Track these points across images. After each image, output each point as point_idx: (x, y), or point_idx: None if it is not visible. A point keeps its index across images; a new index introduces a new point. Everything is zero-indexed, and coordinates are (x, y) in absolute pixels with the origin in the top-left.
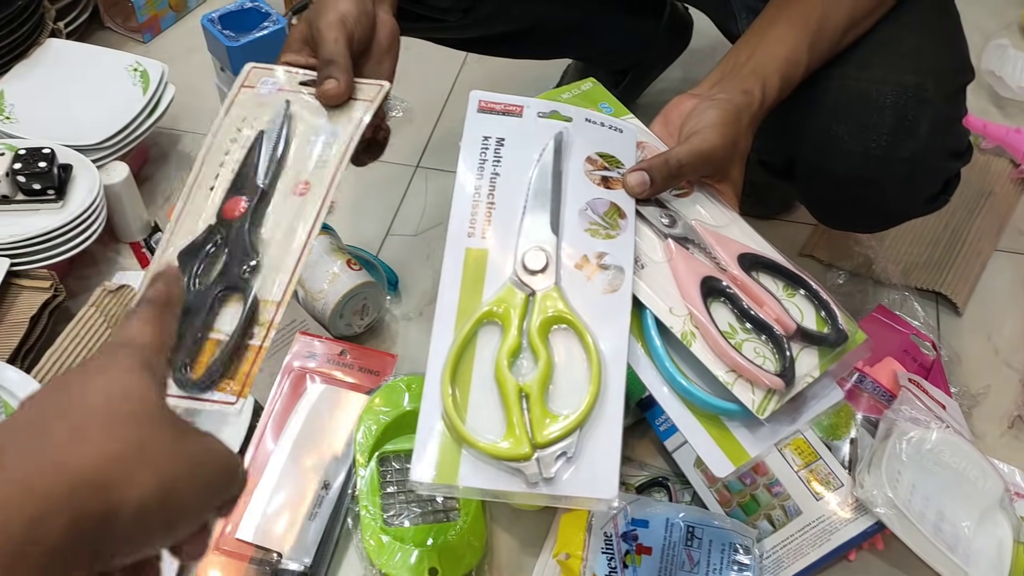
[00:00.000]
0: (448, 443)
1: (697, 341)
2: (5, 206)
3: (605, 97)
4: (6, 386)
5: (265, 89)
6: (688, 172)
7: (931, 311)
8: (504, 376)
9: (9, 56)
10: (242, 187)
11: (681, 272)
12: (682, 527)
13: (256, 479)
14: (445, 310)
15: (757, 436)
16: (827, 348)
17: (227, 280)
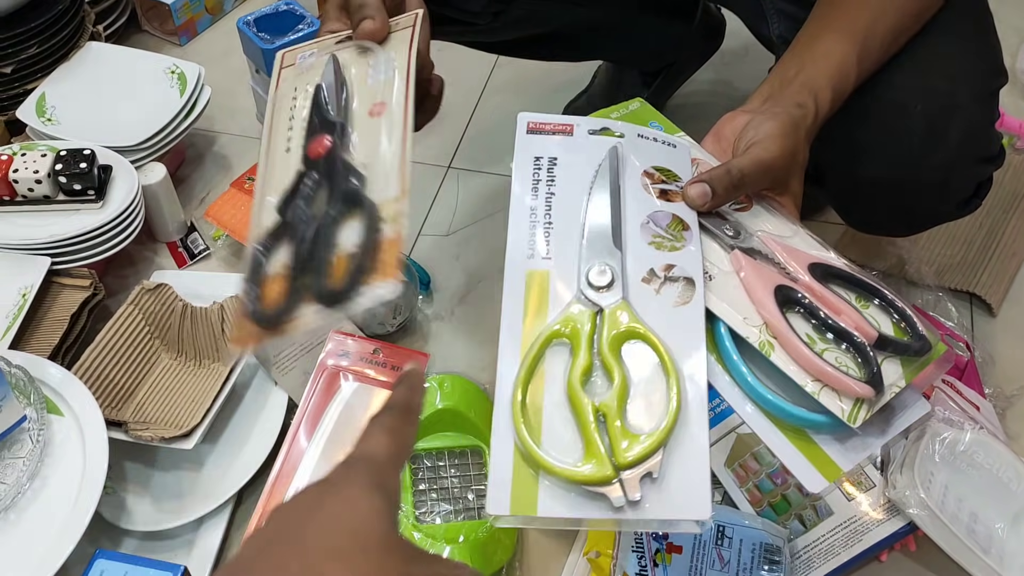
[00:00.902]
0: (523, 472)
1: (776, 351)
2: (47, 206)
3: (654, 116)
4: (48, 382)
5: (305, 60)
6: (749, 183)
7: (965, 312)
8: (578, 397)
9: (50, 59)
10: (320, 127)
11: (753, 281)
12: (712, 526)
13: (290, 476)
14: (509, 335)
15: (848, 448)
16: (910, 357)
17: (340, 200)
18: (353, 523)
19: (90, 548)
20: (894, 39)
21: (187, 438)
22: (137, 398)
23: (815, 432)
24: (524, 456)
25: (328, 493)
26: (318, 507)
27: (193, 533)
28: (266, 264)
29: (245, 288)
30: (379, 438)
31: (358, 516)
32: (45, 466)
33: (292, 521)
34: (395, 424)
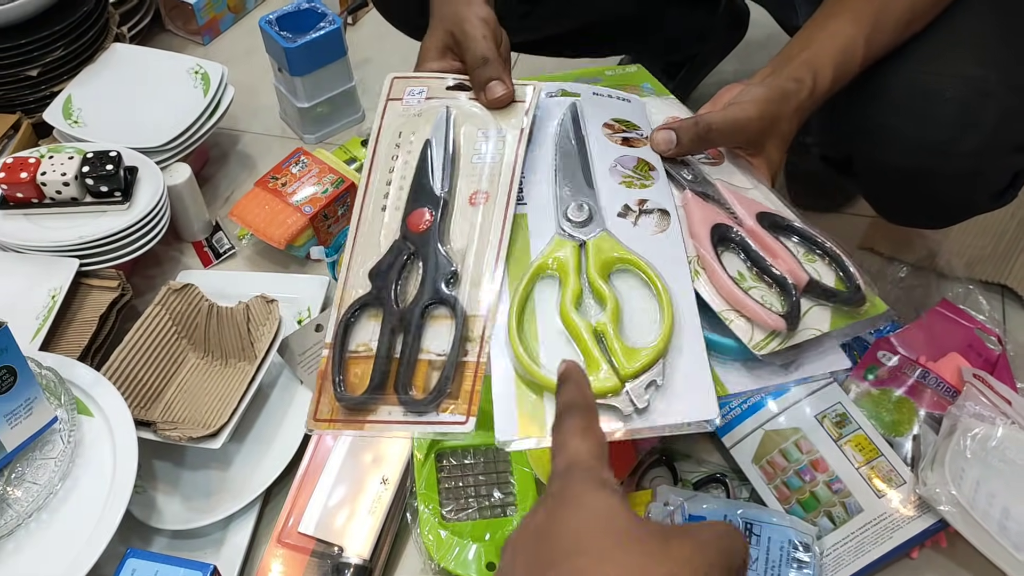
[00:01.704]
0: (528, 398)
1: (700, 279)
2: (74, 208)
3: (650, 79)
4: (77, 383)
5: (411, 99)
6: (717, 138)
7: (996, 304)
8: (574, 319)
9: (76, 61)
10: (421, 198)
11: (694, 216)
12: (740, 524)
13: (317, 474)
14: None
15: (744, 375)
16: (841, 306)
17: (430, 294)
18: (593, 522)
19: (121, 547)
20: (909, 22)
21: (215, 437)
22: (165, 398)
23: (719, 355)
24: (527, 381)
25: (558, 507)
26: (555, 522)
27: (222, 531)
28: (351, 334)
29: (331, 359)
30: (575, 443)
31: (595, 515)
32: (76, 466)
33: (537, 545)
34: (582, 423)
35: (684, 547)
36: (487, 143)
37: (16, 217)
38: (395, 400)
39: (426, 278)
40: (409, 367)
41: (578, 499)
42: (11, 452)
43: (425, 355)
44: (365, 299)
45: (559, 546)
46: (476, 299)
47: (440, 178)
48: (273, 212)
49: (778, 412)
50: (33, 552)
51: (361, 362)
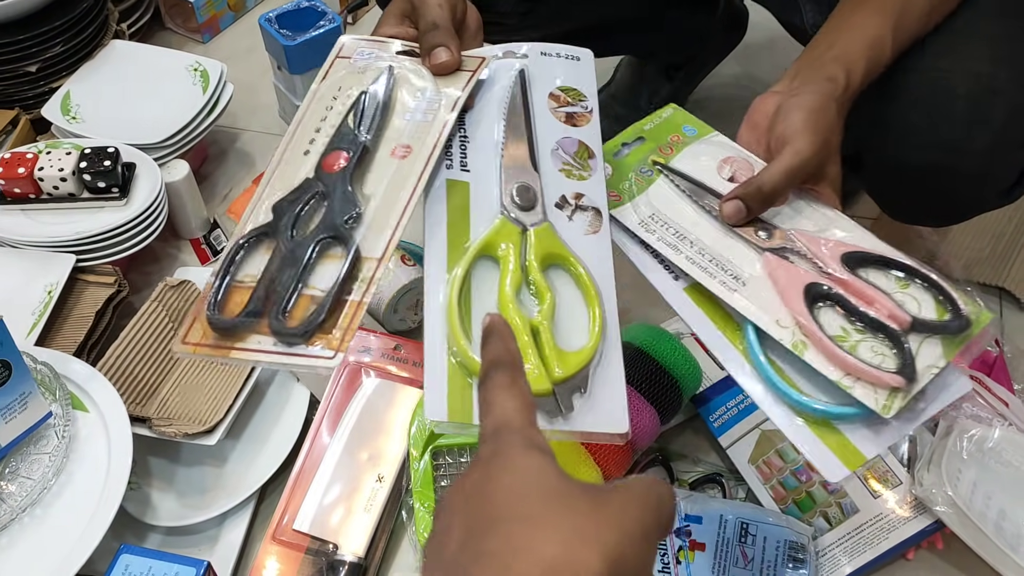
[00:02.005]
0: (459, 381)
1: (809, 350)
2: (72, 204)
3: (688, 120)
4: (73, 378)
5: (361, 58)
6: (782, 191)
7: (994, 306)
8: (512, 312)
9: (75, 58)
10: (343, 143)
11: (782, 282)
12: (736, 523)
13: (312, 472)
14: (436, 243)
15: (874, 435)
16: (950, 336)
17: (328, 229)
18: (524, 484)
19: (115, 543)
20: (930, 12)
21: (210, 434)
22: (161, 394)
23: (841, 423)
24: (461, 364)
25: (489, 469)
26: (488, 486)
27: (217, 528)
28: (241, 263)
29: (213, 284)
30: (503, 402)
31: (526, 477)
32: (70, 462)
33: (476, 508)
34: (507, 381)
35: (614, 505)
36: (422, 103)
37: (13, 212)
38: (267, 329)
39: (327, 215)
40: (290, 298)
41: (509, 462)
42: (5, 447)
43: (310, 290)
44: (262, 229)
45: (492, 511)
46: (374, 242)
47: (366, 127)
48: None
49: None
50: (26, 547)
51: (245, 292)
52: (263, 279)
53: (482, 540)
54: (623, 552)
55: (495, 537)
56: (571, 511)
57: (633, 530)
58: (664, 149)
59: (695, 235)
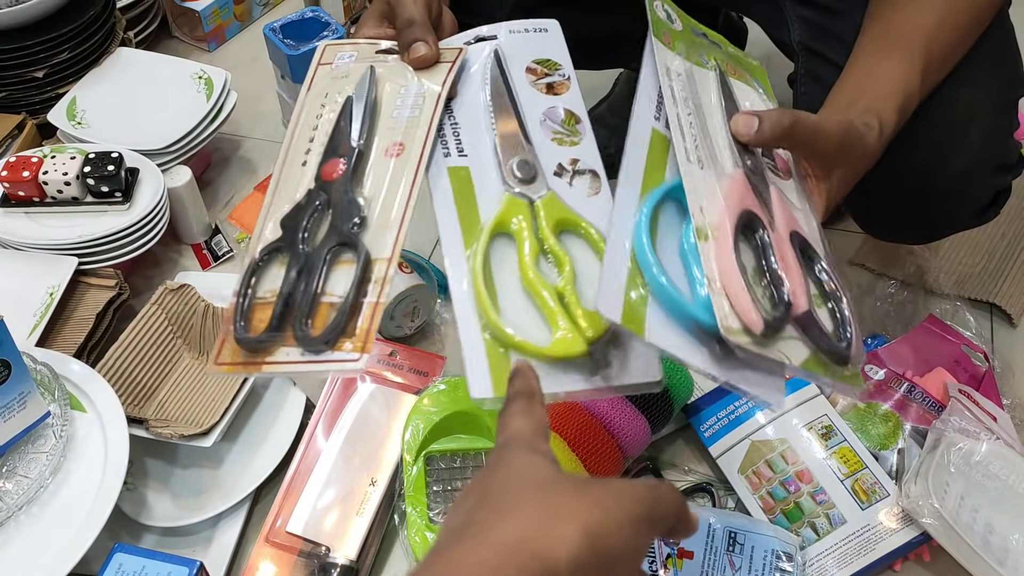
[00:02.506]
0: (497, 356)
1: (704, 243)
2: (75, 207)
3: (763, 79)
4: (71, 379)
5: (342, 63)
6: (799, 134)
7: (985, 322)
8: (536, 281)
9: (81, 64)
10: (338, 149)
11: (733, 192)
12: (724, 533)
13: (307, 475)
14: (450, 231)
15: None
16: (820, 355)
17: (337, 237)
18: (522, 475)
19: (110, 542)
20: (949, 56)
21: (206, 436)
22: (159, 396)
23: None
24: (498, 340)
25: (492, 470)
26: (492, 478)
27: (211, 529)
28: (259, 281)
29: (236, 304)
30: (516, 421)
31: (523, 470)
32: (67, 461)
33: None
34: (524, 407)
35: (600, 492)
36: (407, 99)
37: (17, 215)
38: (293, 341)
39: (334, 223)
40: (310, 308)
41: (512, 460)
42: (3, 445)
43: (328, 297)
44: (274, 245)
45: (487, 496)
46: (382, 243)
47: (358, 131)
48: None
49: (765, 423)
50: (22, 545)
51: (267, 308)
52: (282, 293)
53: (476, 512)
54: (606, 532)
55: (483, 511)
56: (557, 493)
57: (619, 515)
58: (731, 68)
59: (704, 110)
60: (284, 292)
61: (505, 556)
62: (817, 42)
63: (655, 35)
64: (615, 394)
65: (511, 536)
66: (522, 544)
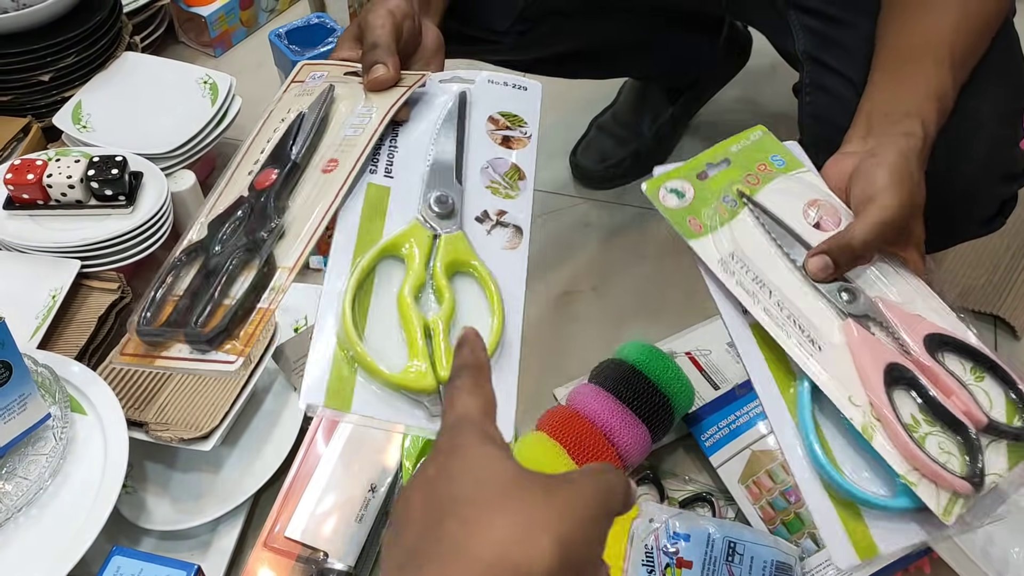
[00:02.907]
0: (342, 368)
1: (878, 436)
2: (78, 211)
3: (777, 148)
4: (72, 381)
5: (312, 82)
6: (872, 249)
7: (988, 335)
8: (408, 308)
9: (87, 68)
10: (275, 161)
11: (862, 357)
12: (724, 543)
13: (306, 480)
14: (344, 237)
15: (897, 533)
16: (1016, 447)
17: (248, 243)
18: (485, 475)
19: (109, 545)
20: (968, 60)
21: (206, 440)
22: (159, 400)
23: (871, 512)
24: (347, 354)
25: (448, 461)
26: (449, 476)
27: (209, 534)
28: (174, 279)
29: (147, 299)
30: (464, 399)
31: (486, 468)
32: (67, 463)
33: (434, 496)
34: (472, 382)
35: (566, 496)
36: (354, 119)
37: (21, 217)
38: (183, 338)
39: (248, 229)
40: (208, 308)
41: (465, 452)
42: (3, 447)
43: (228, 299)
44: (195, 246)
45: (450, 499)
46: (288, 252)
47: (299, 144)
48: None
49: (766, 433)
50: (20, 546)
51: (173, 304)
52: (187, 291)
53: (440, 525)
54: (574, 537)
55: (452, 520)
56: (526, 499)
57: (583, 516)
58: (751, 179)
59: (775, 283)
60: (189, 290)
61: (485, 572)
62: (821, 51)
63: (683, 234)
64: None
65: (489, 553)
66: (501, 561)
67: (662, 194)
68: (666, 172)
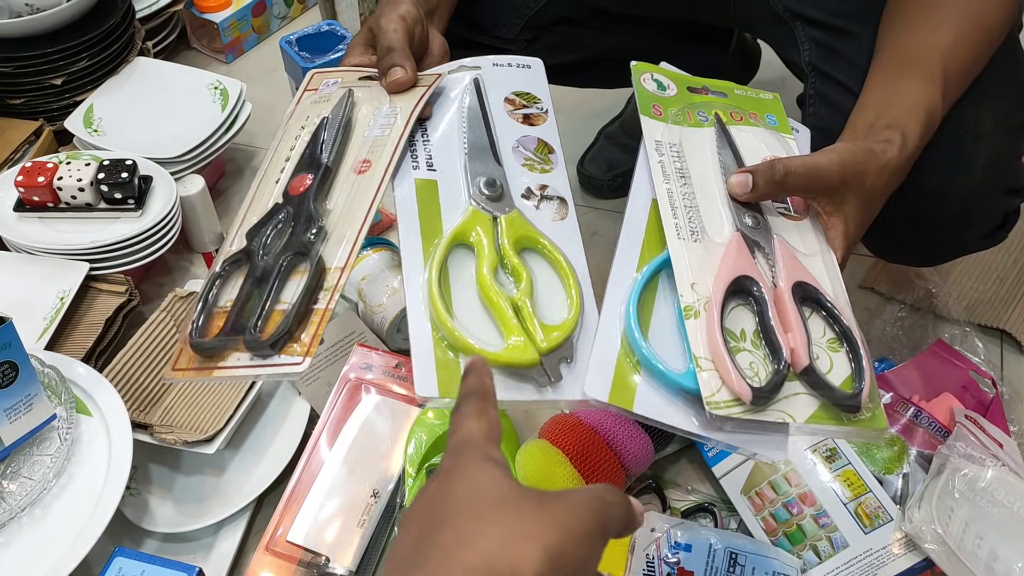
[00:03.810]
0: (447, 359)
1: (695, 321)
2: (88, 213)
3: (777, 112)
4: (78, 383)
5: (327, 88)
6: (794, 183)
7: (994, 348)
8: (493, 290)
9: (100, 72)
10: (307, 166)
11: (725, 262)
12: (725, 554)
13: (309, 485)
14: (410, 237)
15: (663, 404)
16: (832, 407)
17: (294, 247)
18: (482, 490)
19: (111, 546)
20: (967, 74)
21: (210, 443)
22: (165, 402)
23: (666, 383)
24: (448, 343)
25: (448, 480)
26: (447, 491)
27: (212, 537)
28: (220, 291)
29: (194, 313)
30: (469, 424)
31: (483, 484)
32: (71, 464)
33: (433, 509)
34: (477, 408)
35: (559, 509)
36: (379, 119)
37: (31, 220)
38: (243, 347)
39: (293, 234)
40: (262, 315)
41: (465, 471)
42: (8, 447)
43: (280, 305)
44: (236, 256)
45: (444, 509)
46: (336, 253)
47: (328, 149)
48: None
49: None
50: (23, 546)
51: (224, 316)
52: (237, 301)
53: (434, 534)
54: (564, 549)
55: (446, 531)
56: (518, 512)
57: (576, 530)
58: (735, 114)
59: (694, 182)
60: (239, 300)
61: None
62: (826, 63)
63: (642, 111)
64: (561, 407)
65: (476, 560)
66: (488, 567)
67: (645, 77)
68: (663, 68)
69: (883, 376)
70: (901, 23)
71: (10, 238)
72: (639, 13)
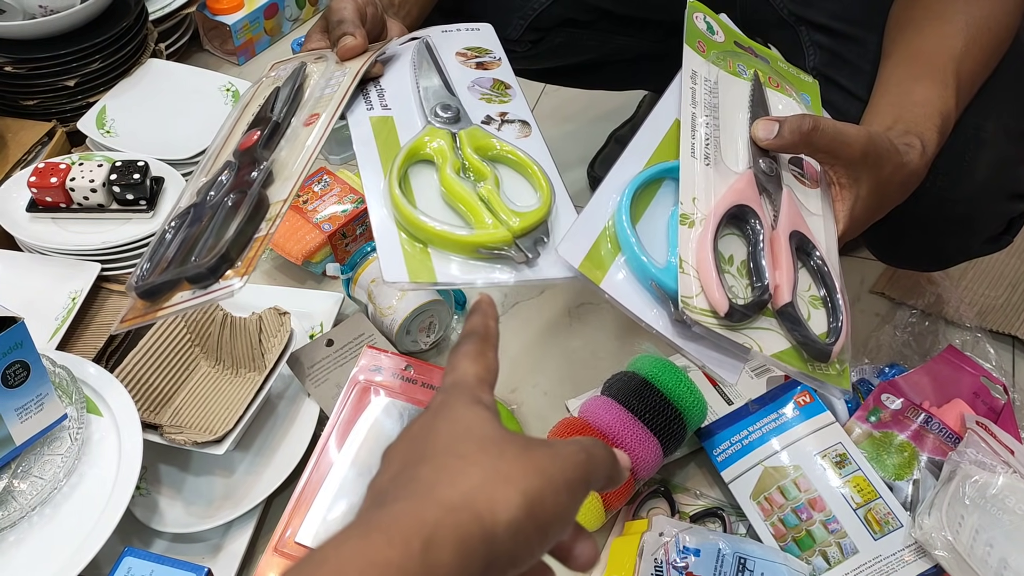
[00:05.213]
0: (412, 247)
1: (689, 230)
2: (100, 214)
3: (813, 93)
4: (89, 383)
5: (283, 71)
6: (820, 141)
7: (1006, 355)
8: (457, 184)
9: (112, 74)
10: (257, 124)
11: (732, 187)
12: (734, 559)
13: (318, 486)
14: (369, 161)
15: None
16: (799, 350)
17: (238, 187)
18: (467, 430)
19: (121, 546)
20: (977, 78)
21: (219, 444)
22: (175, 403)
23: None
24: (415, 235)
25: (435, 418)
26: (431, 429)
27: (221, 537)
28: (168, 244)
29: (140, 264)
30: (464, 364)
31: (469, 425)
32: (82, 464)
33: (415, 446)
34: (476, 349)
35: (542, 457)
36: (330, 79)
37: (44, 220)
38: (187, 285)
39: (237, 178)
40: (204, 246)
41: (452, 410)
42: (20, 446)
43: (224, 239)
44: (184, 211)
45: (427, 446)
46: (280, 189)
47: (279, 108)
48: (293, 228)
49: (779, 449)
50: (33, 545)
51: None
52: (182, 244)
53: (414, 469)
54: (543, 496)
55: (426, 466)
56: (501, 455)
57: (557, 479)
58: (773, 80)
59: (720, 119)
60: (179, 239)
61: (445, 515)
62: (831, 69)
63: (687, 42)
64: (537, 284)
65: (454, 497)
66: (464, 505)
67: (698, 15)
68: (720, 17)
69: (893, 382)
70: (910, 27)
71: (23, 238)
72: (644, 15)
